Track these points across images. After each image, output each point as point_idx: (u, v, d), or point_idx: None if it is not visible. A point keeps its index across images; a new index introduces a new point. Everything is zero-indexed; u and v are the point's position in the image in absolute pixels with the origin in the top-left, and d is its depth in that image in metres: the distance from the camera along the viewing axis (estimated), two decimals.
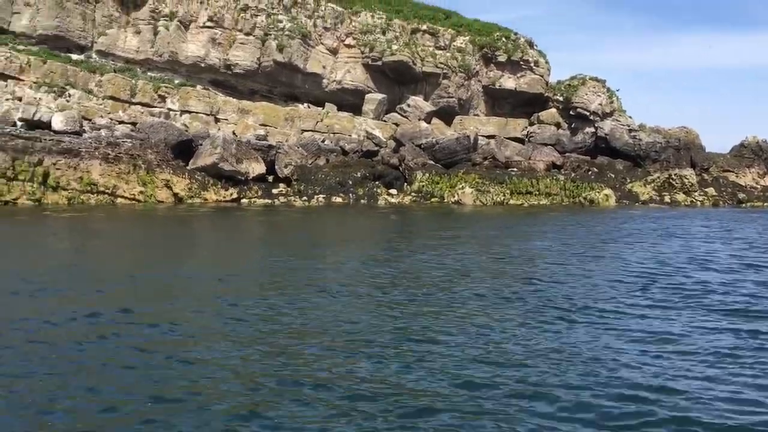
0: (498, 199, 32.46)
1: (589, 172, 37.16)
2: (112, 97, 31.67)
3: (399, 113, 36.88)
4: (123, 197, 27.10)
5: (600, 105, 39.23)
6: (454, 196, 32.12)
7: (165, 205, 27.24)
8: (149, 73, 33.94)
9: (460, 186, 32.53)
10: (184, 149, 29.98)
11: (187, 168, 29.23)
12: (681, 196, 35.54)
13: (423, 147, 34.37)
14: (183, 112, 33.17)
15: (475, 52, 39.26)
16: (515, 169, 35.36)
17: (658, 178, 36.52)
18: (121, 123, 31.07)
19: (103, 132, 29.38)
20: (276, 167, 31.06)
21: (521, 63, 39.32)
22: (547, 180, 34.02)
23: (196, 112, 33.37)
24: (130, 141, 28.56)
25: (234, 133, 32.26)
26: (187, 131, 31.65)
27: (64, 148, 26.42)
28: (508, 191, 32.91)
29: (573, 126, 39.35)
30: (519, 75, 39.40)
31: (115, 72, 32.46)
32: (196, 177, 28.91)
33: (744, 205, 36.02)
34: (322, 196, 30.42)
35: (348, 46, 37.21)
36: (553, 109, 39.49)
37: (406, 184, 32.83)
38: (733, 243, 18.23)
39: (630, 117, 40.74)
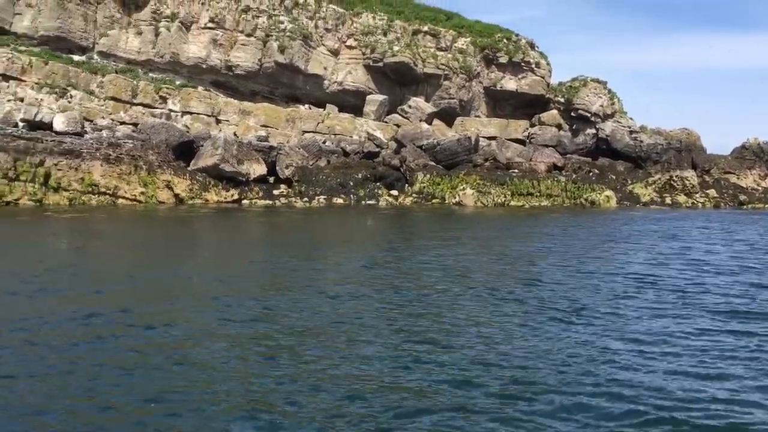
0: (499, 200, 32.46)
1: (590, 174, 37.17)
2: (113, 98, 31.72)
3: (400, 114, 36.91)
4: (124, 198, 27.13)
5: (601, 106, 39.22)
6: (455, 198, 32.12)
7: (166, 205, 27.26)
8: (150, 74, 33.98)
9: (461, 187, 32.54)
10: (186, 150, 30.02)
11: (188, 169, 29.28)
12: (682, 198, 35.52)
13: (424, 148, 34.38)
14: (184, 113, 33.21)
15: (477, 54, 39.28)
16: (516, 170, 35.38)
17: (659, 179, 36.51)
18: (122, 124, 31.12)
19: (104, 133, 29.41)
20: (277, 168, 31.09)
21: (522, 64, 39.34)
22: (548, 181, 34.02)
23: (198, 113, 33.42)
24: (131, 142, 28.60)
25: (235, 134, 32.29)
26: (188, 132, 31.69)
27: (65, 148, 26.47)
28: (509, 192, 32.91)
29: (574, 127, 39.36)
30: (520, 76, 39.41)
31: (116, 73, 32.50)
32: (197, 178, 28.96)
33: (745, 206, 36.00)
34: (323, 197, 30.43)
35: (349, 48, 37.24)
36: (554, 111, 39.50)
37: (407, 185, 32.85)
38: (734, 245, 18.21)
39: (631, 118, 40.77)
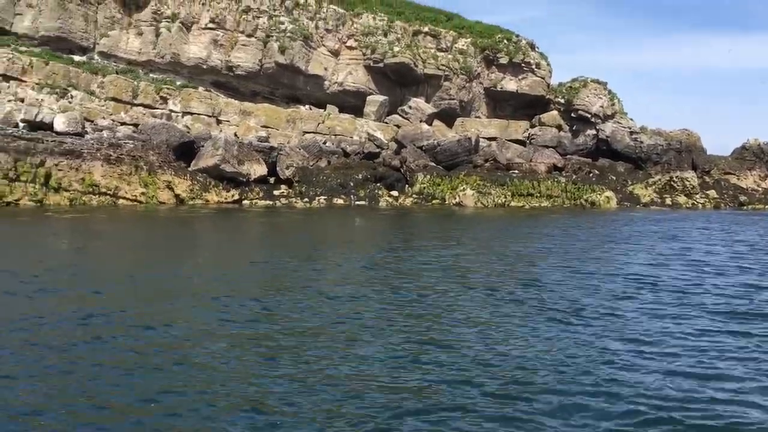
0: (499, 201, 32.47)
1: (591, 175, 37.18)
2: (114, 99, 31.74)
3: (400, 115, 36.93)
4: (125, 198, 27.15)
5: (601, 107, 39.23)
6: (456, 198, 32.13)
7: (166, 206, 27.28)
8: (151, 75, 34.00)
9: (462, 188, 32.55)
10: (186, 151, 30.04)
11: (189, 169, 29.31)
12: (682, 199, 35.52)
13: (424, 149, 34.39)
14: (185, 114, 33.23)
15: (477, 54, 39.30)
16: (516, 171, 35.39)
17: (660, 180, 36.53)
18: (123, 124, 31.14)
19: (105, 133, 29.43)
20: (277, 169, 31.11)
21: (523, 65, 39.36)
22: (549, 182, 34.03)
23: (198, 114, 33.44)
24: (131, 142, 28.62)
25: (235, 134, 32.32)
26: (188, 133, 31.72)
27: (66, 149, 26.49)
28: (510, 193, 32.93)
29: (574, 128, 39.37)
30: (520, 77, 39.43)
31: (117, 73, 32.53)
32: (198, 178, 28.98)
33: (745, 207, 36.02)
34: (323, 197, 30.45)
35: (349, 48, 37.26)
36: (554, 112, 39.51)
37: (407, 185, 32.86)
38: (734, 246, 18.22)
39: (631, 119, 40.77)
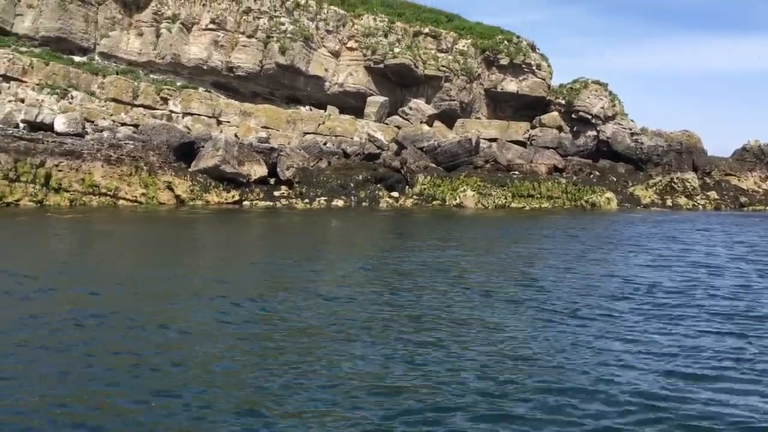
0: (500, 202, 32.46)
1: (591, 176, 37.16)
2: (114, 99, 31.73)
3: (401, 116, 36.92)
4: (125, 199, 27.14)
5: (602, 108, 39.20)
6: (456, 199, 32.12)
7: (167, 207, 27.27)
8: (151, 75, 34.00)
9: (462, 189, 32.54)
10: (186, 151, 30.04)
11: (189, 170, 29.30)
12: (683, 200, 35.51)
13: (425, 150, 34.38)
14: (185, 114, 33.23)
15: (477, 55, 39.28)
16: (517, 172, 35.37)
17: (660, 181, 36.52)
18: (123, 125, 31.13)
19: (105, 134, 29.42)
20: (278, 170, 31.10)
21: (523, 66, 39.33)
22: (549, 183, 34.02)
23: (198, 115, 33.43)
24: (132, 143, 28.61)
25: (236, 135, 32.32)
26: (189, 133, 31.72)
27: (66, 149, 26.48)
28: (510, 194, 32.91)
29: (575, 129, 39.35)
30: (521, 78, 39.41)
31: (117, 74, 32.52)
32: (198, 179, 28.97)
33: (746, 208, 36.00)
34: (323, 198, 30.44)
35: (350, 49, 37.24)
36: (554, 113, 39.48)
37: (407, 186, 32.85)
38: (734, 247, 18.21)
39: (632, 120, 40.74)
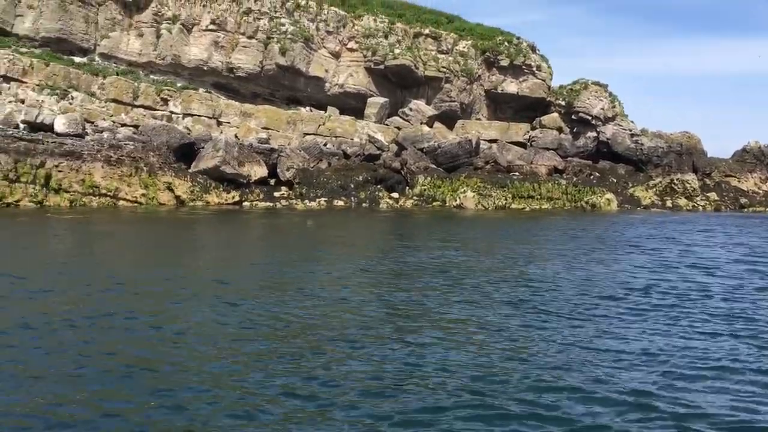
0: (500, 203, 32.46)
1: (591, 177, 37.17)
2: (114, 100, 31.74)
3: (401, 117, 36.94)
4: (125, 200, 27.14)
5: (602, 109, 39.21)
6: (456, 200, 32.12)
7: (167, 207, 27.27)
8: (152, 76, 34.01)
9: (462, 190, 32.55)
10: (186, 152, 30.05)
11: (189, 171, 29.31)
12: (683, 201, 35.51)
13: (425, 151, 34.39)
14: (185, 115, 33.24)
15: (478, 57, 39.29)
16: (517, 173, 35.39)
17: (660, 182, 36.52)
18: (123, 126, 31.14)
19: (105, 134, 29.43)
20: (278, 170, 31.11)
21: (523, 67, 39.34)
22: (549, 184, 34.02)
23: (199, 115, 33.44)
24: (132, 144, 28.62)
25: (236, 136, 32.33)
26: (189, 134, 31.72)
27: (66, 150, 26.49)
28: (510, 195, 32.92)
29: (575, 130, 39.35)
30: (521, 79, 39.42)
31: (117, 75, 32.53)
32: (198, 180, 28.98)
33: (746, 210, 36.00)
34: (323, 199, 30.44)
35: (350, 50, 37.26)
36: (555, 114, 39.49)
37: (407, 187, 32.85)
38: (735, 249, 18.21)
39: (632, 122, 40.74)
